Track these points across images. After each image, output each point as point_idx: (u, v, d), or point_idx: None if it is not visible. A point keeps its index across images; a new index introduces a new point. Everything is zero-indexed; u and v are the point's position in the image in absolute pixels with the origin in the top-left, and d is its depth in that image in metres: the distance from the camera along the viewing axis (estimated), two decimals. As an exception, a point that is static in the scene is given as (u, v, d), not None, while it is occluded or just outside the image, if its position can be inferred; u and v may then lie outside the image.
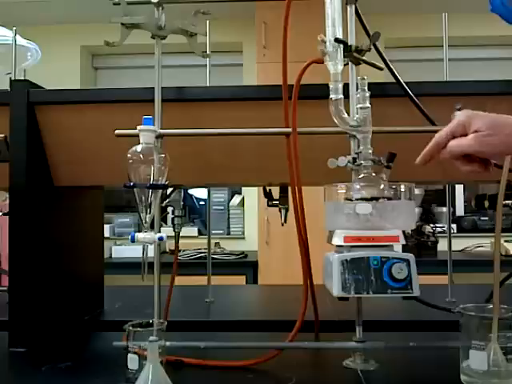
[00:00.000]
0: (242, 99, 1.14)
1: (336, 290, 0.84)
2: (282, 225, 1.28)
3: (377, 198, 0.87)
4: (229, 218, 3.82)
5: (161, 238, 0.92)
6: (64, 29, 3.83)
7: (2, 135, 1.15)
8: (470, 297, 1.41)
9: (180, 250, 2.91)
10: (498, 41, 3.67)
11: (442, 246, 3.16)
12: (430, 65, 2.99)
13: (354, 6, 1.00)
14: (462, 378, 0.83)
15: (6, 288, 1.33)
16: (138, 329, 0.87)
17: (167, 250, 3.19)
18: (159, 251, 1.03)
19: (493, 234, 0.82)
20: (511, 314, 0.81)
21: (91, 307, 1.41)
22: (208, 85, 1.36)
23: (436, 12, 1.48)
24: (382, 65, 1.03)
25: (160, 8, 1.07)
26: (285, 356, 0.97)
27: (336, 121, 0.92)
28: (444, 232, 3.28)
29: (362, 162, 0.91)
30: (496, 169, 0.82)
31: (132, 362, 0.85)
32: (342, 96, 0.92)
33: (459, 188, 3.79)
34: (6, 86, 1.17)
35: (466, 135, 0.75)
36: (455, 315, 0.86)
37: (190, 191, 3.79)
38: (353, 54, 0.96)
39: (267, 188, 1.29)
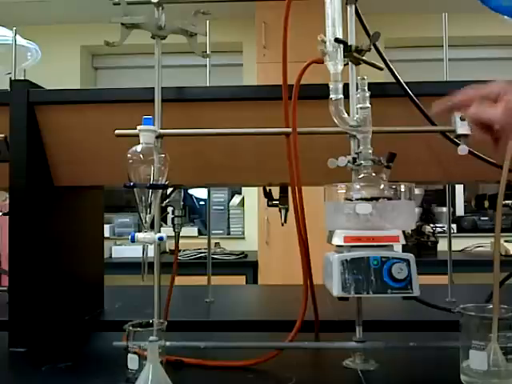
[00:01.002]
0: (241, 99, 1.13)
1: (336, 290, 0.84)
2: (282, 225, 1.28)
3: (377, 198, 0.87)
4: (229, 218, 3.82)
5: (161, 238, 0.92)
6: (64, 29, 3.83)
7: (2, 135, 1.15)
8: (470, 297, 1.41)
9: (180, 250, 2.91)
10: (497, 41, 3.67)
11: (442, 245, 3.16)
12: (429, 65, 2.99)
13: (353, 6, 1.00)
14: (462, 378, 0.83)
15: (6, 288, 1.33)
16: (138, 329, 0.87)
17: (167, 250, 3.19)
18: (159, 251, 1.03)
19: (493, 234, 0.82)
20: (511, 314, 0.81)
21: (91, 307, 1.41)
22: (208, 85, 1.36)
23: (436, 12, 1.48)
24: (382, 65, 1.03)
25: (160, 8, 1.07)
26: (285, 356, 0.97)
27: (336, 121, 0.92)
28: (444, 232, 3.28)
29: (362, 162, 0.91)
30: (496, 169, 0.82)
31: (132, 361, 0.85)
32: (342, 96, 0.92)
33: (459, 188, 3.79)
34: (6, 86, 1.17)
35: (495, 102, 0.72)
36: (455, 315, 0.86)
37: (190, 191, 3.79)
38: (353, 54, 0.95)
39: (267, 188, 1.29)
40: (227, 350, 1.03)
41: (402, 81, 1.05)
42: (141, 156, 0.90)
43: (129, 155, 0.90)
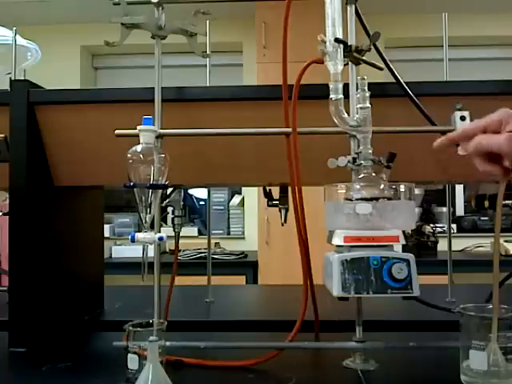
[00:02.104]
0: (241, 99, 1.13)
1: (336, 290, 0.84)
2: (282, 225, 1.28)
3: (377, 198, 0.87)
4: (229, 218, 3.82)
5: (161, 238, 0.92)
6: (64, 29, 3.83)
7: (2, 135, 1.15)
8: (470, 297, 1.41)
9: (180, 250, 2.92)
10: (497, 41, 3.67)
11: (442, 246, 3.16)
12: (429, 65, 2.99)
13: (353, 6, 1.00)
14: (462, 378, 0.83)
15: (6, 288, 1.33)
16: (138, 329, 0.87)
17: (167, 250, 3.19)
18: (159, 251, 1.03)
19: (493, 234, 0.82)
20: (511, 314, 0.81)
21: (91, 307, 1.41)
22: (208, 85, 1.36)
23: (436, 12, 1.48)
24: (382, 65, 1.03)
25: (160, 8, 1.07)
26: (285, 356, 0.97)
27: (336, 121, 0.92)
28: (444, 232, 3.28)
29: (362, 161, 0.91)
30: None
31: (132, 361, 0.85)
32: (342, 96, 0.92)
33: (459, 188, 3.79)
34: (6, 86, 1.17)
35: (497, 133, 0.70)
36: (455, 315, 0.86)
37: (190, 191, 3.80)
38: (353, 54, 0.96)
39: (267, 188, 1.29)
40: (227, 350, 1.03)
41: (402, 81, 1.05)
42: (141, 156, 0.90)
43: (129, 155, 0.90)
